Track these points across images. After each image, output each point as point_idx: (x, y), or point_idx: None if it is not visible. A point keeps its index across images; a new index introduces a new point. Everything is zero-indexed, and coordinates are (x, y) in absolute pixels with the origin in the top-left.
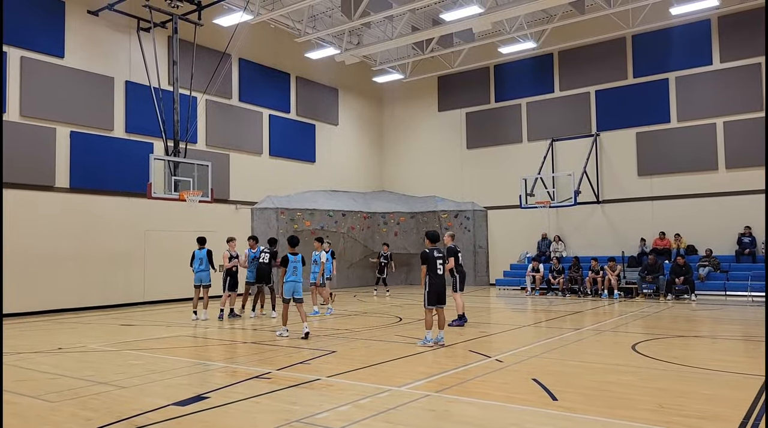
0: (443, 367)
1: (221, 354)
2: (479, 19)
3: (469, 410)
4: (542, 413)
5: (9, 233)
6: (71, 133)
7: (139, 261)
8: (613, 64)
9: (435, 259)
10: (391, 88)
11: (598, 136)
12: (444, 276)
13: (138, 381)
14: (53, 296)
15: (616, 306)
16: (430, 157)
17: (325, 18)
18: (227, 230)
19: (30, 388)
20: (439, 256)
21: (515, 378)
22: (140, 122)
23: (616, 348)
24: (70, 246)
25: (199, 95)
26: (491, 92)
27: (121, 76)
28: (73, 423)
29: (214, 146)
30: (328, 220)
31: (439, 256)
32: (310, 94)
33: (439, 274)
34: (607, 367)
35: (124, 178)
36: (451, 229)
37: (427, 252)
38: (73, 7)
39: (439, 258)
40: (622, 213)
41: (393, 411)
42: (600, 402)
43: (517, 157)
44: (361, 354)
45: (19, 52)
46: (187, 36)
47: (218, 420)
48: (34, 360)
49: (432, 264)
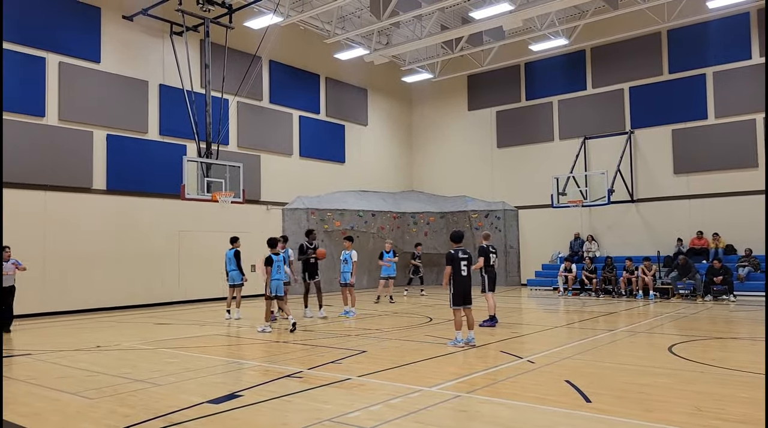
0: (474, 368)
1: (254, 353)
2: (509, 17)
3: (500, 411)
4: (576, 415)
5: (49, 234)
6: (108, 136)
7: (174, 262)
8: (648, 59)
9: (459, 260)
10: (421, 87)
11: (633, 133)
12: (469, 276)
13: (173, 379)
14: (91, 295)
15: (651, 307)
16: (460, 157)
17: (353, 18)
18: (259, 231)
19: (70, 385)
20: (463, 257)
21: (547, 379)
22: (174, 125)
23: (651, 349)
24: (107, 247)
25: (230, 97)
26: (522, 90)
27: (155, 80)
28: (112, 420)
29: (245, 147)
30: (358, 220)
31: (464, 257)
32: (340, 94)
33: (463, 275)
34: (643, 369)
35: (158, 179)
36: (482, 229)
37: (451, 253)
38: (109, 12)
39: (463, 259)
40: (657, 212)
41: (424, 411)
42: (635, 404)
43: (548, 155)
44: (392, 354)
45: (57, 58)
46: (219, 39)
47: (251, 417)
48: (74, 358)
49: (456, 265)
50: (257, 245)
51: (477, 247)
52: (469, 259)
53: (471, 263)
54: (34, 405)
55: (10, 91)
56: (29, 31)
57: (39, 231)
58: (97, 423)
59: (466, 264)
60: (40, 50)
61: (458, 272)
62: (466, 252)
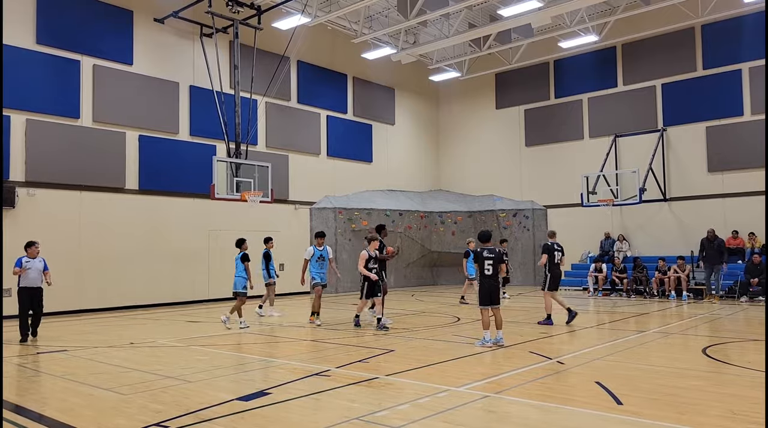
0: (502, 368)
1: (282, 351)
2: (538, 14)
3: (529, 412)
4: (606, 417)
5: (84, 234)
6: (140, 137)
7: (204, 260)
8: (681, 55)
9: (483, 259)
10: (448, 86)
11: (665, 130)
12: (493, 276)
13: (204, 376)
14: (124, 293)
15: (684, 308)
16: (488, 156)
17: (381, 18)
18: (287, 230)
19: (104, 381)
20: (488, 257)
21: (577, 380)
22: (204, 125)
23: (685, 351)
24: (139, 246)
25: (259, 98)
26: (551, 88)
27: (185, 81)
28: (144, 415)
29: (273, 147)
30: (385, 220)
31: (489, 257)
32: (367, 94)
33: (487, 274)
34: (676, 371)
35: (188, 179)
36: (510, 229)
37: (477, 252)
38: (141, 15)
39: (488, 258)
40: (691, 211)
41: (452, 411)
42: (668, 407)
43: (578, 154)
44: (420, 354)
45: (91, 61)
46: (248, 40)
47: (280, 415)
48: (108, 354)
49: (481, 264)
50: (285, 244)
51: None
52: (495, 259)
53: (497, 262)
54: (70, 400)
55: (46, 94)
56: (65, 35)
57: (74, 231)
58: (131, 419)
59: (491, 264)
60: (75, 53)
61: (482, 271)
62: (493, 251)
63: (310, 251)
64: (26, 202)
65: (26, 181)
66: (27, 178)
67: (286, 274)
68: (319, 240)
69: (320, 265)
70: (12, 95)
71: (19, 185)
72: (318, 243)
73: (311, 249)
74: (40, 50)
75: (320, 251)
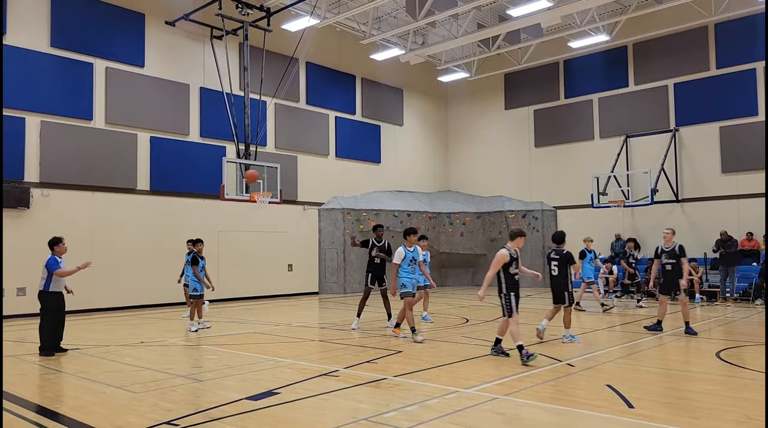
0: (512, 370)
1: (291, 351)
2: (548, 13)
3: (539, 415)
4: (618, 421)
5: (96, 234)
6: (151, 139)
7: (213, 261)
8: (694, 55)
9: (550, 260)
10: (457, 86)
11: (677, 131)
12: (559, 276)
13: (213, 375)
14: (135, 292)
15: (698, 311)
16: (497, 156)
17: (389, 19)
18: (296, 230)
19: (116, 379)
20: (554, 258)
21: (588, 383)
22: (213, 127)
23: (698, 354)
24: (149, 246)
25: (268, 99)
26: (560, 88)
27: (195, 83)
28: (155, 413)
29: (282, 148)
30: (393, 220)
31: (555, 258)
32: (376, 95)
33: (553, 275)
34: (689, 375)
35: (198, 180)
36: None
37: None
38: (152, 18)
39: (554, 259)
40: (704, 212)
41: (461, 412)
42: (681, 411)
43: (588, 154)
44: (428, 355)
45: (104, 63)
46: (257, 42)
47: (288, 415)
48: (120, 353)
49: (548, 265)
50: (294, 245)
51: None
52: (560, 260)
53: (564, 263)
54: (83, 398)
55: (60, 96)
56: (78, 37)
57: (87, 231)
58: (142, 417)
59: (557, 265)
60: (88, 56)
61: (549, 272)
62: (560, 252)
63: (401, 253)
64: (40, 203)
65: (41, 182)
66: (41, 179)
67: (294, 276)
68: (409, 238)
69: (411, 269)
70: (27, 97)
71: (34, 186)
72: (408, 243)
73: (401, 251)
74: (55, 53)
75: (411, 253)
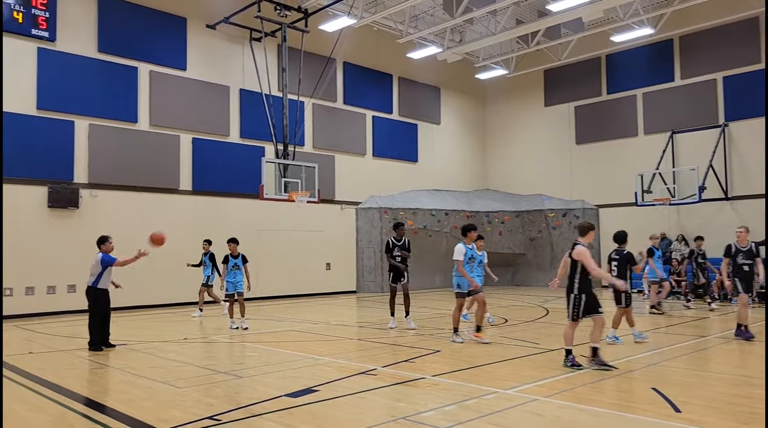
0: (553, 371)
1: (329, 350)
2: (589, 7)
3: (581, 417)
4: (664, 425)
5: (142, 232)
6: (193, 140)
7: (253, 259)
8: (743, 47)
9: (611, 261)
10: (495, 84)
11: (727, 126)
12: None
13: (253, 372)
14: (179, 290)
15: (749, 313)
16: (536, 154)
17: (426, 17)
18: (333, 230)
19: (161, 374)
20: (615, 258)
21: (632, 386)
22: (253, 127)
23: (749, 358)
24: (192, 245)
25: (306, 99)
26: (602, 84)
27: (236, 85)
28: (198, 408)
29: (320, 148)
30: (431, 220)
31: (615, 258)
32: (412, 94)
33: (613, 276)
34: (739, 379)
35: (238, 180)
36: (560, 229)
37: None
38: (194, 22)
39: (614, 259)
40: (755, 210)
41: (500, 413)
42: (730, 416)
43: (631, 151)
44: (466, 355)
45: (148, 67)
46: (295, 43)
47: (327, 412)
48: (164, 349)
49: (609, 265)
50: (331, 244)
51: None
52: (620, 260)
53: (623, 264)
54: (130, 392)
55: (107, 100)
56: (124, 42)
57: (133, 230)
58: (186, 412)
59: (617, 265)
60: (133, 60)
61: (609, 271)
62: (620, 252)
63: (461, 249)
64: (89, 203)
65: (89, 183)
66: (90, 180)
67: (332, 274)
68: (469, 235)
69: (470, 268)
70: (75, 101)
71: (83, 187)
72: (468, 240)
73: (461, 247)
74: (102, 58)
75: (471, 250)
